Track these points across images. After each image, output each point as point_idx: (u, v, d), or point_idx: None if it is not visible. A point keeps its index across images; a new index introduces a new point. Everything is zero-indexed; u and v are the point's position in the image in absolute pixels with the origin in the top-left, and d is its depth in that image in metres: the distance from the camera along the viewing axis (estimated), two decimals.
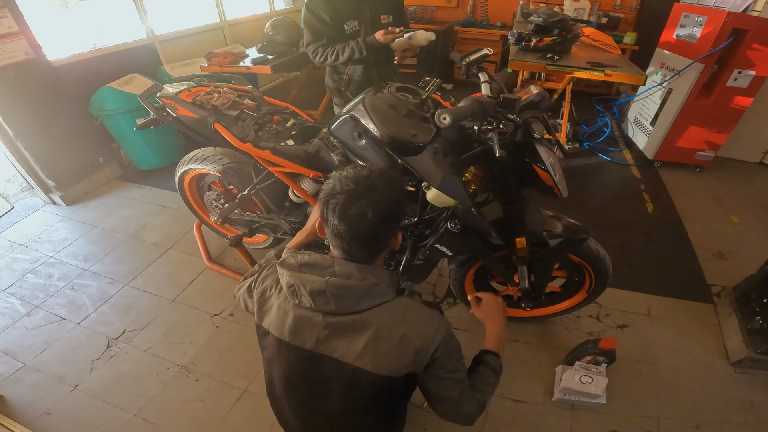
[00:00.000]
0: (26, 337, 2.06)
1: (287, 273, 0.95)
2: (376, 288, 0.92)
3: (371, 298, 0.92)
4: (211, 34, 4.26)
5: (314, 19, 2.07)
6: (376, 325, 0.90)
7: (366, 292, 0.91)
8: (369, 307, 0.91)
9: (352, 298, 0.91)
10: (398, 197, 0.95)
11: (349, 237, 0.90)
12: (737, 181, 3.43)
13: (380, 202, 0.88)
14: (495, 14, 5.34)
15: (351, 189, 0.88)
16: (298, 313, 0.95)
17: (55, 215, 2.98)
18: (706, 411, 1.73)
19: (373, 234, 0.90)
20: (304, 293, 0.92)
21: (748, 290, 2.02)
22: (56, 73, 2.85)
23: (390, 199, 0.91)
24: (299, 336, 0.95)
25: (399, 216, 0.97)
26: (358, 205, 0.87)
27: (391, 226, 0.95)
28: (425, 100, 1.36)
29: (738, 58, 2.88)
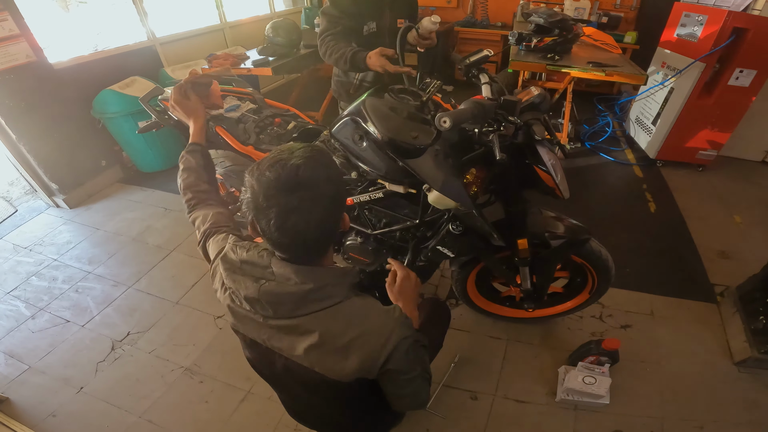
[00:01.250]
0: (31, 340, 2.07)
1: (225, 273, 0.90)
2: (317, 293, 0.83)
3: (311, 303, 0.83)
4: (212, 35, 4.27)
5: (336, 10, 1.96)
6: (318, 332, 0.84)
7: (304, 298, 0.83)
8: (310, 312, 0.84)
9: (289, 304, 0.84)
10: (333, 179, 0.81)
11: (292, 246, 0.81)
12: (740, 180, 3.42)
13: (320, 199, 0.77)
14: (495, 14, 5.33)
15: (281, 200, 0.75)
16: (242, 312, 0.91)
17: (59, 218, 3.00)
18: (710, 411, 1.72)
19: (318, 236, 0.81)
20: (240, 298, 0.87)
21: (751, 290, 2.02)
22: (58, 75, 2.86)
23: (327, 190, 0.79)
24: (249, 331, 0.92)
25: (341, 200, 0.87)
26: (294, 217, 0.76)
27: (336, 215, 0.84)
28: (426, 102, 1.36)
29: (739, 57, 2.87)
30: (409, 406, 1.03)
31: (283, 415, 1.67)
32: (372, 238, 1.71)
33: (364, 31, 2.07)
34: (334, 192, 0.82)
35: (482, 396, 1.79)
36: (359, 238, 1.73)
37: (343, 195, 0.90)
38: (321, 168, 0.80)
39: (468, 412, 1.73)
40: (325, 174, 0.80)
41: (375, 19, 2.08)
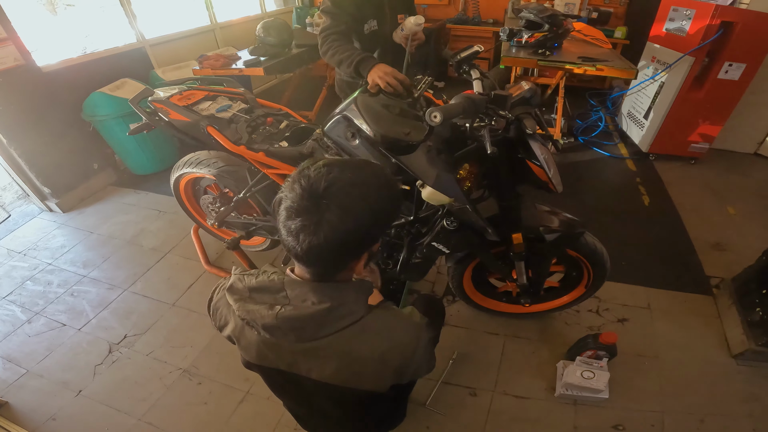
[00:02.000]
0: (28, 344, 2.06)
1: (236, 305, 0.84)
2: (336, 311, 0.79)
3: (333, 322, 0.80)
4: (203, 36, 4.24)
5: (337, 9, 1.93)
6: (346, 350, 0.82)
7: (326, 318, 0.79)
8: (334, 331, 0.80)
9: (311, 326, 0.80)
10: (363, 217, 0.73)
11: (291, 251, 0.75)
12: (732, 172, 3.45)
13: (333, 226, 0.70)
14: (487, 11, 5.34)
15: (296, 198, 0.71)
16: (260, 341, 0.85)
17: (52, 222, 2.98)
18: (710, 405, 1.72)
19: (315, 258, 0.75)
20: (258, 328, 0.82)
21: (746, 281, 2.03)
22: (47, 78, 2.84)
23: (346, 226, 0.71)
24: (268, 359, 0.88)
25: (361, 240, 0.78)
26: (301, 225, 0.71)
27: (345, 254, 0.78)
28: (417, 99, 1.36)
29: (728, 51, 2.89)
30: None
31: (283, 416, 1.68)
32: None
33: (365, 30, 2.07)
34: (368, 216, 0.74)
35: (481, 392, 1.79)
36: None
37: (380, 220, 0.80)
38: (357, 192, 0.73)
39: (467, 409, 1.73)
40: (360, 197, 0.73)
41: (375, 17, 2.07)
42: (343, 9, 1.93)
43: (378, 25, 2.08)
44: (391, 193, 0.80)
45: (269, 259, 2.52)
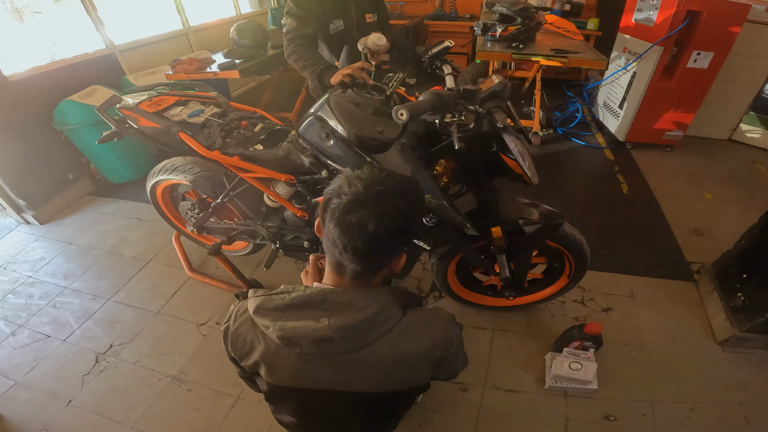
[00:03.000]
0: (14, 356, 2.03)
1: (272, 324, 0.82)
2: (381, 315, 0.82)
3: (380, 326, 0.82)
4: (175, 41, 4.16)
5: (301, 10, 1.94)
6: (392, 353, 0.83)
7: (373, 323, 0.81)
8: (380, 336, 0.82)
9: (363, 332, 0.81)
10: (412, 213, 0.81)
11: (343, 246, 0.77)
12: (708, 158, 3.53)
13: (388, 214, 0.75)
14: (463, 6, 5.37)
15: (358, 192, 0.76)
16: (301, 359, 0.84)
17: (30, 235, 2.91)
18: (699, 393, 1.74)
19: (370, 249, 0.78)
20: (305, 343, 0.81)
21: (726, 266, 2.06)
22: (14, 87, 2.75)
23: (401, 213, 0.77)
24: (307, 379, 0.86)
25: (407, 235, 0.85)
26: (360, 212, 0.75)
27: (395, 245, 0.83)
28: (390, 96, 1.35)
29: (695, 40, 2.95)
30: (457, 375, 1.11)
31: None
32: None
33: (330, 30, 2.05)
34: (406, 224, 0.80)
35: (472, 387, 1.79)
36: None
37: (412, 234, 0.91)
38: (410, 194, 0.81)
39: (459, 405, 1.73)
40: (408, 202, 0.80)
41: (341, 17, 2.06)
42: (307, 11, 1.93)
43: (344, 25, 2.07)
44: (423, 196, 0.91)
45: (252, 264, 2.49)
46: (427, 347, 0.87)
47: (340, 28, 2.09)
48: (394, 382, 0.88)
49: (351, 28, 2.11)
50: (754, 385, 1.76)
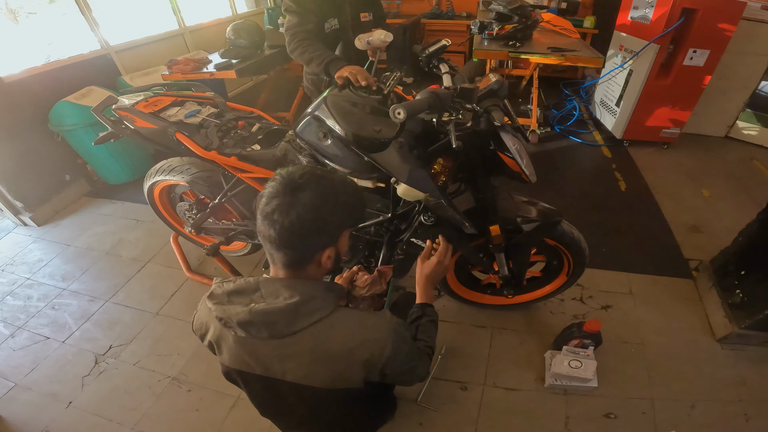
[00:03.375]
0: (13, 358, 2.03)
1: (215, 307, 0.89)
2: (306, 305, 0.85)
3: (304, 317, 0.85)
4: (171, 41, 4.14)
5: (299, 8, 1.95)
6: (317, 345, 0.85)
7: (297, 312, 0.84)
8: (306, 326, 0.85)
9: (284, 320, 0.84)
10: (323, 209, 0.83)
11: (261, 234, 0.84)
12: (705, 155, 3.54)
13: (295, 207, 0.80)
14: (460, 5, 5.38)
15: (276, 185, 0.83)
16: (237, 342, 0.90)
17: (27, 237, 2.90)
18: (699, 390, 1.74)
19: (283, 239, 0.82)
20: (233, 326, 0.86)
21: (724, 263, 2.06)
22: (9, 89, 2.74)
23: (309, 208, 0.80)
24: (245, 363, 0.91)
25: (321, 231, 0.85)
26: (272, 203, 0.81)
27: (310, 238, 0.84)
28: (387, 96, 1.35)
29: (691, 37, 2.95)
30: (411, 384, 1.12)
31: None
32: None
33: (325, 29, 2.05)
34: (321, 216, 0.83)
35: (472, 386, 1.79)
36: None
37: (332, 228, 0.87)
38: (328, 189, 0.84)
39: (459, 403, 1.73)
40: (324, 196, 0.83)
41: (336, 16, 2.06)
42: (306, 8, 1.94)
43: (339, 24, 2.08)
44: (355, 196, 0.91)
45: (251, 264, 2.49)
46: (353, 347, 0.86)
47: (335, 27, 2.09)
48: (321, 377, 0.89)
49: (346, 27, 2.11)
50: (754, 382, 1.76)
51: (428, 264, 1.25)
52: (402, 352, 0.93)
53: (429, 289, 1.25)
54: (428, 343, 1.14)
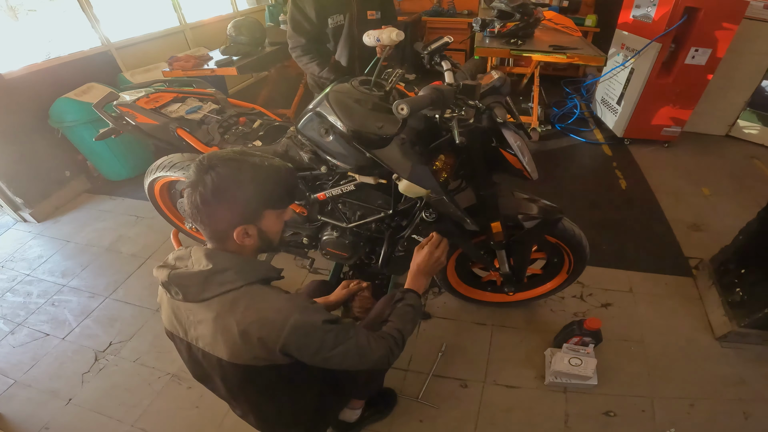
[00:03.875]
0: (13, 355, 2.03)
1: (156, 270, 0.97)
2: (218, 275, 0.91)
3: (214, 285, 0.90)
4: (172, 38, 4.14)
5: (298, 13, 2.05)
6: (219, 315, 0.90)
7: (208, 279, 0.90)
8: (214, 295, 0.91)
9: (195, 286, 0.91)
10: (225, 189, 0.88)
11: (191, 215, 0.91)
12: (705, 154, 3.54)
13: (199, 184, 0.87)
14: (461, 2, 5.36)
15: (192, 169, 0.90)
16: (168, 303, 1.00)
17: (27, 233, 2.90)
18: (698, 389, 1.74)
19: (195, 213, 0.89)
20: (161, 286, 0.97)
21: (724, 261, 2.06)
22: (9, 86, 2.73)
23: (212, 186, 0.86)
24: (173, 325, 1.00)
25: (231, 204, 0.90)
26: (193, 184, 0.88)
27: (218, 214, 0.90)
28: (389, 92, 1.35)
29: (693, 36, 2.95)
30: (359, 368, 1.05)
31: None
32: (348, 232, 1.70)
33: (329, 24, 2.06)
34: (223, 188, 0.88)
35: (472, 383, 1.79)
36: (335, 232, 1.71)
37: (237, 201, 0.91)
38: (232, 163, 0.90)
39: (459, 401, 1.73)
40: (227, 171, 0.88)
41: (341, 12, 2.06)
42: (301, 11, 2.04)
43: (345, 20, 2.10)
44: (271, 175, 0.94)
45: None
46: (250, 321, 0.89)
47: (340, 23, 2.09)
48: (223, 348, 0.93)
49: (351, 24, 2.12)
50: (753, 380, 1.77)
51: (420, 253, 1.28)
52: (309, 334, 0.92)
53: (418, 278, 1.28)
54: (397, 326, 1.13)
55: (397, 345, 1.10)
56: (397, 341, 1.10)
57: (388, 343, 1.08)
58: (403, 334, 1.13)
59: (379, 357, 1.05)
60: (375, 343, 1.05)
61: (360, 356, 1.02)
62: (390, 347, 1.08)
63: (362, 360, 1.02)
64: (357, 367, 1.03)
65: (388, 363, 1.09)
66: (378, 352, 1.04)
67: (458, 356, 1.90)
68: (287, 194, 1.00)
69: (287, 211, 1.03)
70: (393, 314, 1.16)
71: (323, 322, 0.94)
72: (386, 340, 1.08)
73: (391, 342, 1.09)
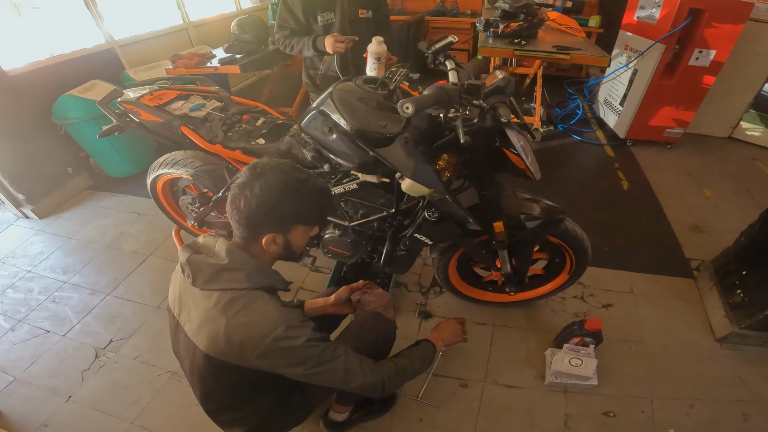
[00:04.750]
0: (13, 351, 2.03)
1: (181, 251, 1.03)
2: (229, 273, 0.96)
3: (222, 281, 0.95)
4: (175, 36, 4.15)
5: (285, 9, 2.08)
6: (214, 308, 0.94)
7: (218, 272, 0.96)
8: (219, 289, 0.95)
9: (205, 274, 0.96)
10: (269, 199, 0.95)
11: (228, 211, 0.98)
12: (708, 155, 3.53)
13: (254, 190, 0.93)
14: (464, 2, 5.36)
15: (244, 172, 0.97)
16: (180, 282, 1.05)
17: (29, 229, 2.91)
18: (698, 389, 1.74)
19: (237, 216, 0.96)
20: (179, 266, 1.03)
21: (726, 263, 2.06)
22: (13, 82, 2.75)
23: (256, 195, 0.93)
24: (173, 303, 1.07)
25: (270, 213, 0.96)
26: (241, 186, 0.95)
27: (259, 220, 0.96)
28: (393, 91, 1.35)
29: (697, 38, 2.94)
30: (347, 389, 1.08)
31: None
32: (350, 230, 1.70)
33: (319, 21, 2.07)
34: (273, 198, 0.95)
35: (472, 383, 1.80)
36: (337, 230, 1.72)
37: (283, 213, 0.98)
38: (281, 175, 0.96)
39: (459, 400, 1.74)
40: (277, 183, 0.95)
41: (331, 9, 2.08)
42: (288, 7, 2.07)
43: (336, 18, 2.11)
44: (314, 195, 1.01)
45: None
46: (238, 324, 0.93)
47: (331, 21, 2.10)
48: (204, 338, 0.96)
49: (343, 22, 2.12)
50: (752, 381, 1.77)
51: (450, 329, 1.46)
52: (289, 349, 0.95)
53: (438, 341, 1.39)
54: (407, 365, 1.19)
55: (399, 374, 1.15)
56: (399, 371, 1.15)
57: (388, 371, 1.12)
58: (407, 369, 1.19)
59: (370, 383, 1.08)
60: (368, 369, 1.08)
61: (346, 377, 1.04)
62: (388, 376, 1.11)
63: (348, 381, 1.05)
64: (343, 387, 1.07)
65: (381, 392, 1.11)
66: (369, 378, 1.07)
67: (458, 356, 1.90)
68: (321, 214, 1.06)
69: (315, 229, 1.08)
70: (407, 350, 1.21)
71: (306, 340, 0.96)
72: (387, 368, 1.11)
73: (392, 372, 1.12)
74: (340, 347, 1.05)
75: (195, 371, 1.06)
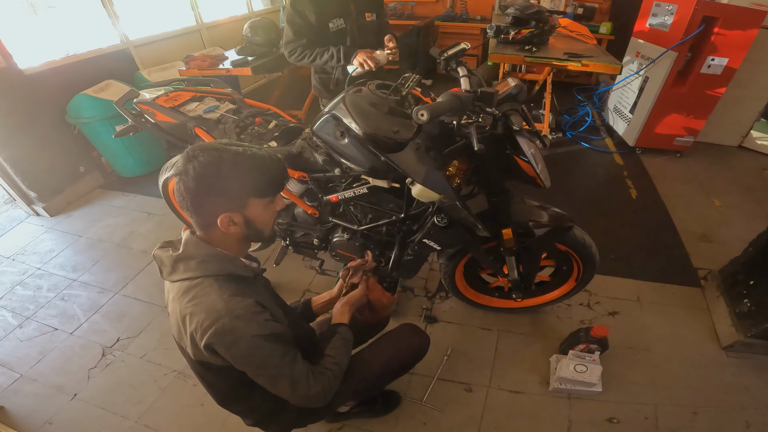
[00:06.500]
0: (20, 348, 2.05)
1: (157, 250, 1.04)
2: (183, 262, 0.96)
3: (179, 271, 0.96)
4: (188, 37, 4.20)
5: (298, 17, 2.04)
6: (174, 299, 0.97)
7: (174, 262, 0.97)
8: (179, 280, 0.97)
9: (167, 267, 0.98)
10: (214, 173, 0.90)
11: (179, 203, 0.94)
12: (717, 164, 3.50)
13: (189, 173, 0.89)
14: (474, 8, 5.37)
15: (179, 159, 0.94)
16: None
17: (40, 227, 2.94)
18: (702, 397, 1.74)
19: (182, 202, 0.93)
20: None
21: (733, 272, 2.05)
22: (29, 81, 2.80)
23: (201, 173, 0.89)
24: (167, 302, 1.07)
25: (215, 192, 0.91)
26: (179, 173, 0.91)
27: (201, 201, 0.92)
28: (405, 97, 1.36)
29: (710, 46, 2.93)
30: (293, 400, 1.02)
31: None
32: (359, 234, 1.71)
33: (330, 28, 2.08)
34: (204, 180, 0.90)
35: (476, 388, 1.80)
36: (346, 234, 1.73)
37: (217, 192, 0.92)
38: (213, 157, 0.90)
39: (463, 405, 1.74)
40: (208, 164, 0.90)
41: (341, 15, 2.08)
42: (301, 14, 2.01)
43: (345, 23, 2.11)
44: (254, 164, 0.95)
45: (262, 260, 2.48)
46: (188, 313, 0.93)
47: (341, 27, 2.11)
48: (174, 329, 1.01)
49: (352, 26, 2.13)
50: (757, 389, 1.76)
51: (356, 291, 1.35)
52: (235, 343, 0.91)
53: (345, 311, 1.27)
54: (335, 360, 1.10)
55: (336, 378, 1.08)
56: (335, 374, 1.08)
57: (327, 378, 1.05)
58: (341, 367, 1.12)
59: (315, 394, 1.01)
60: (313, 380, 1.02)
61: (292, 388, 0.99)
62: (328, 382, 1.05)
63: (294, 392, 0.99)
64: (289, 398, 1.01)
65: (324, 399, 1.04)
66: (314, 389, 1.01)
67: (463, 360, 1.90)
68: (272, 184, 0.99)
69: (277, 202, 1.03)
70: (330, 348, 1.14)
71: (254, 336, 0.91)
72: (324, 375, 1.05)
73: (330, 376, 1.06)
74: (290, 354, 0.99)
75: (191, 365, 1.10)
